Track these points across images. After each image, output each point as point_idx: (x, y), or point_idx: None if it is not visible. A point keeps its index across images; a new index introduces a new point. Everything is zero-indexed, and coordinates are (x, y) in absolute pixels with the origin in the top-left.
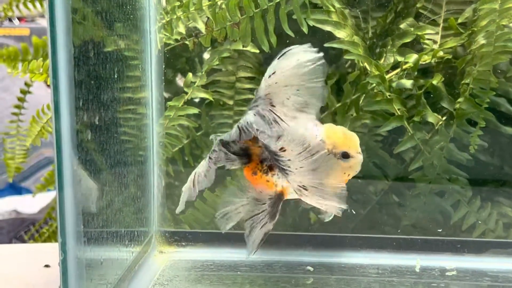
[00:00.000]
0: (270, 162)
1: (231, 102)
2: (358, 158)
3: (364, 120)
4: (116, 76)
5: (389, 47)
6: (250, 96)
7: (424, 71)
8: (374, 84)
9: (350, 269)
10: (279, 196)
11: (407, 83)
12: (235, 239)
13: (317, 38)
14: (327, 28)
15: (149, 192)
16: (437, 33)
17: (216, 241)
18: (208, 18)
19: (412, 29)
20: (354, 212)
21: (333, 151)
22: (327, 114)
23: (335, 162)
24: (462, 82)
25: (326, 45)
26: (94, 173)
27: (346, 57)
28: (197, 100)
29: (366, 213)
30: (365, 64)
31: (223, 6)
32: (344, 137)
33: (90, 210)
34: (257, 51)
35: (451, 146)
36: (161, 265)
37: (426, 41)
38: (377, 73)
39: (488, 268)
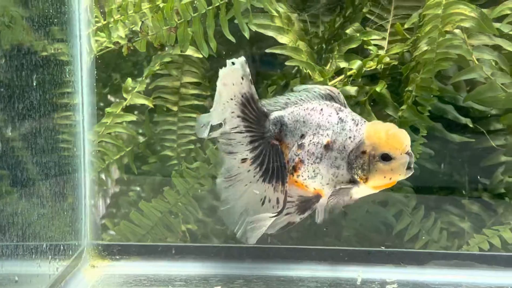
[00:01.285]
0: (293, 163)
1: (175, 108)
2: (401, 159)
3: None
4: (35, 84)
5: (335, 53)
6: (196, 102)
7: (373, 78)
8: None
9: (288, 282)
10: (317, 197)
11: (352, 89)
12: (172, 252)
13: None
14: (270, 33)
15: (80, 204)
16: (383, 39)
17: (152, 254)
18: (142, 22)
19: (358, 34)
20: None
21: (371, 153)
22: None
23: (374, 165)
24: (406, 89)
25: (267, 51)
26: (11, 186)
27: (287, 63)
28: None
29: (309, 224)
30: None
31: (158, 10)
32: (386, 137)
33: None
34: (201, 55)
35: None
36: (91, 280)
37: (371, 47)
38: (320, 79)
39: (429, 280)
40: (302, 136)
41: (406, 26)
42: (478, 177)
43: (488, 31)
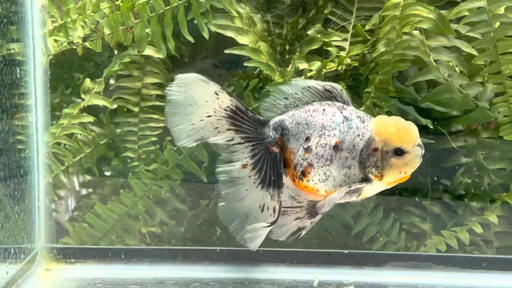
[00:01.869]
0: (302, 168)
1: (136, 109)
2: (414, 152)
3: None
4: None
5: (297, 54)
6: (157, 103)
7: (336, 79)
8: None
9: (245, 284)
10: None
11: None
12: (128, 255)
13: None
14: (229, 34)
15: (34, 207)
16: (345, 40)
17: (107, 257)
18: (97, 22)
19: (319, 35)
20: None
21: (384, 149)
22: None
23: (387, 161)
24: (365, 90)
25: (226, 51)
26: None
27: (246, 64)
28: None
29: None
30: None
31: (114, 10)
32: (397, 131)
33: None
34: (161, 56)
35: None
36: (44, 284)
37: (331, 48)
38: (280, 80)
39: (387, 281)
40: (307, 139)
41: (367, 27)
42: (435, 178)
43: (446, 33)
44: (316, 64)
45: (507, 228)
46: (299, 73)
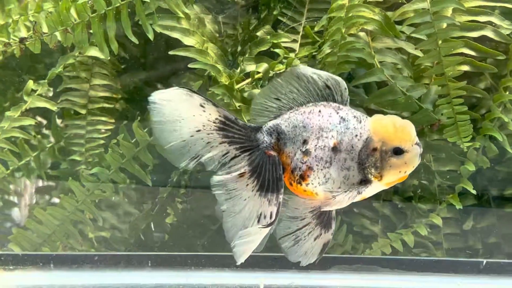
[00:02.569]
0: (301, 172)
1: (84, 111)
2: (413, 151)
3: None
4: None
5: (247, 55)
6: (105, 105)
7: None
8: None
9: None
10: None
11: None
12: (69, 261)
13: None
14: (175, 35)
15: None
16: (295, 41)
17: (48, 264)
18: (35, 22)
19: (268, 37)
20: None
21: (383, 149)
22: None
23: (387, 161)
24: None
25: (170, 53)
26: None
27: (190, 65)
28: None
29: (216, 229)
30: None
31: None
32: (395, 130)
33: None
34: (103, 56)
35: None
36: None
37: (278, 50)
38: (226, 82)
39: (332, 285)
40: (305, 142)
41: (316, 29)
42: None
43: (390, 34)
44: (263, 66)
45: (456, 229)
46: (247, 75)
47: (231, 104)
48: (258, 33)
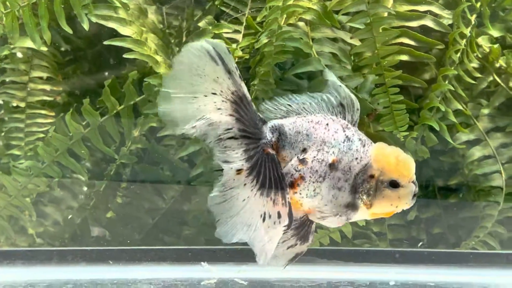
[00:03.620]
0: (292, 178)
1: (23, 104)
2: (409, 188)
3: (151, 123)
4: None
5: None
6: (45, 97)
7: None
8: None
9: (122, 284)
10: (308, 217)
11: None
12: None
13: None
14: (111, 24)
15: None
16: (237, 32)
17: None
18: None
19: (210, 27)
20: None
21: (380, 178)
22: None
23: (381, 191)
24: (251, 83)
25: (105, 43)
26: None
27: (125, 55)
28: None
29: (155, 223)
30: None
31: None
32: (396, 162)
33: None
34: (45, 48)
35: None
36: None
37: (219, 40)
38: (162, 73)
39: (270, 277)
40: (304, 151)
41: (258, 19)
42: None
43: (328, 24)
44: None
45: (400, 221)
46: None
47: None
48: (200, 24)
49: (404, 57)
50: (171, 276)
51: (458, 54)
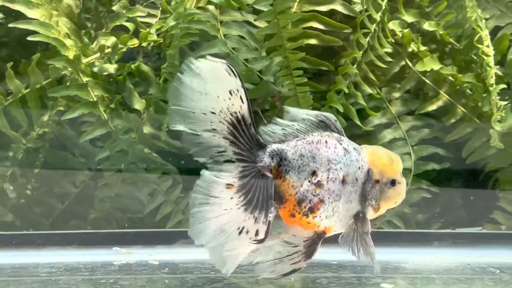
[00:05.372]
0: (311, 204)
1: None
2: (403, 181)
3: (59, 107)
4: None
5: (104, 30)
6: None
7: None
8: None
9: (20, 269)
10: (319, 235)
11: (111, 67)
12: None
13: None
14: (17, 7)
15: None
16: (153, 16)
17: None
18: None
19: (124, 11)
20: None
21: (383, 181)
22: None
23: (385, 193)
24: (162, 67)
25: (10, 25)
26: None
27: (29, 38)
28: None
29: (65, 207)
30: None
31: None
32: (390, 162)
33: None
34: None
35: (151, 134)
36: None
37: (127, 24)
38: (70, 56)
39: (177, 259)
40: (314, 173)
41: (172, 3)
42: None
43: (234, 7)
44: (111, 40)
45: None
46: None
47: (78, 79)
48: (114, 8)
49: (313, 41)
50: (75, 260)
51: (368, 38)
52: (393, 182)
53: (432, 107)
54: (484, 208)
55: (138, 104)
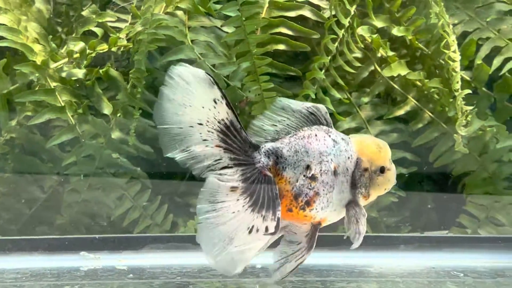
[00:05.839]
0: (307, 198)
1: None
2: (392, 168)
3: (27, 112)
4: None
5: (74, 35)
6: None
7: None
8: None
9: None
10: (315, 226)
11: (79, 72)
12: None
13: None
14: None
15: None
16: (123, 21)
17: None
18: None
19: (94, 16)
20: None
21: (372, 169)
22: None
23: (374, 180)
24: (129, 72)
25: None
26: None
27: None
28: None
29: (32, 213)
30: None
31: None
32: (379, 150)
33: None
34: None
35: (119, 139)
36: None
37: (95, 29)
38: (38, 61)
39: (145, 264)
40: (308, 167)
41: (142, 8)
42: None
43: (201, 13)
44: (79, 45)
45: None
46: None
47: (46, 84)
48: (84, 13)
49: (281, 46)
50: (42, 266)
51: (336, 44)
52: (382, 169)
53: (400, 112)
54: (452, 212)
55: (107, 109)
